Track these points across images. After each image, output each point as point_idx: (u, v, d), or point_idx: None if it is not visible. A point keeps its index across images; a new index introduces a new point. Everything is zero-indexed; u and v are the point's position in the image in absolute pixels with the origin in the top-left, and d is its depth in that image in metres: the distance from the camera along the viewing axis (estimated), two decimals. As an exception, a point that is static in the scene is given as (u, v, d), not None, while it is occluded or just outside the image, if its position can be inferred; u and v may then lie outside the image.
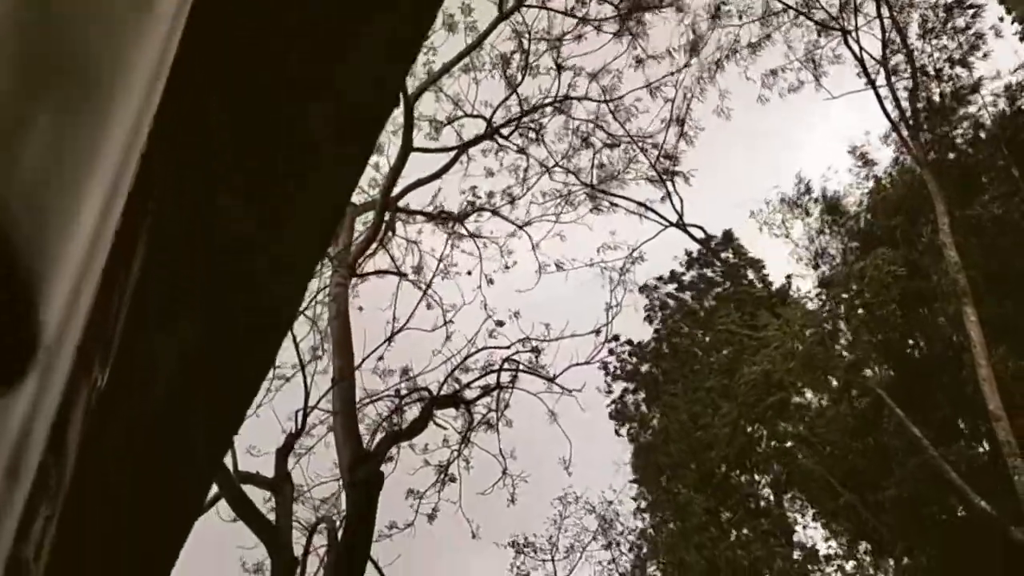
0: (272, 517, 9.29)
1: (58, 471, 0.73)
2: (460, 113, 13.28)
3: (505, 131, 13.28)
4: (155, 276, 0.99)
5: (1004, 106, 18.74)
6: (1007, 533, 14.24)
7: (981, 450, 16.91)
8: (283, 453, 9.41)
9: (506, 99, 12.89)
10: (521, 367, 12.37)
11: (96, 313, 0.63)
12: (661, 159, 14.80)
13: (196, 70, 0.97)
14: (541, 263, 14.30)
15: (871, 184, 20.77)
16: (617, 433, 22.25)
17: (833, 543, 19.30)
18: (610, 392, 22.54)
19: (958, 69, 18.61)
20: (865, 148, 20.87)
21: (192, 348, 1.19)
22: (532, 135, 13.57)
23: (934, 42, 18.45)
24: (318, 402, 10.28)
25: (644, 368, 22.48)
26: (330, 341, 10.45)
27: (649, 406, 21.86)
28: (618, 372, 22.37)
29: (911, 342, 18.42)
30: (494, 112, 12.90)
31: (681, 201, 16.31)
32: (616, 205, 15.37)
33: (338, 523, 10.09)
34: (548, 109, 13.40)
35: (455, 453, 12.34)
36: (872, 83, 17.33)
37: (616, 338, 14.98)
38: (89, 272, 0.61)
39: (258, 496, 9.99)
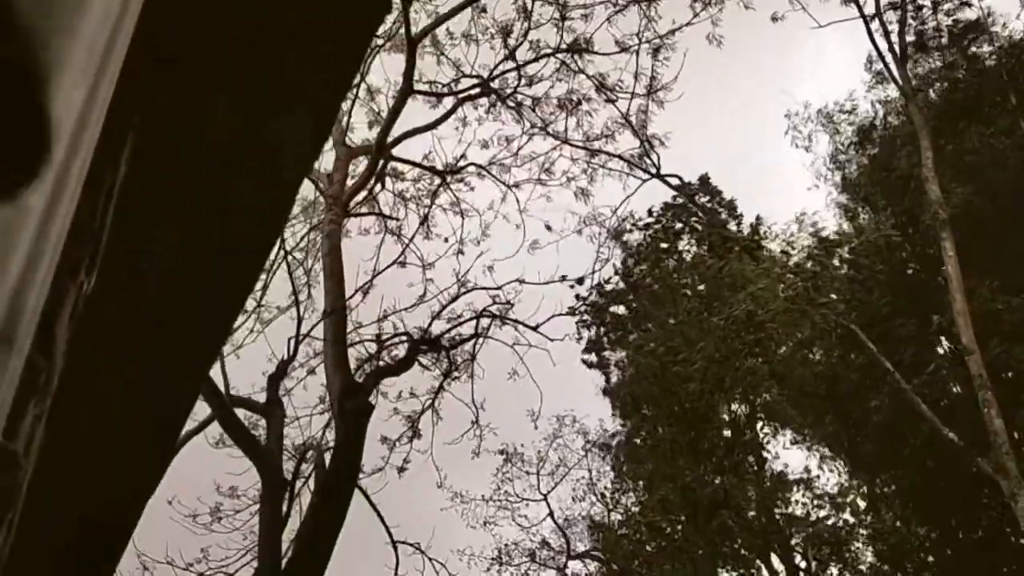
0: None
1: (47, 372, 0.75)
2: (460, 75, 13.06)
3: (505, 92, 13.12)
4: (141, 177, 1.00)
5: (1005, 42, 18.57)
6: (974, 464, 14.74)
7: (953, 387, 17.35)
8: (274, 378, 9.55)
9: (504, 59, 12.67)
10: (501, 315, 12.54)
11: (81, 214, 0.64)
12: (642, 112, 14.61)
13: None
14: (527, 226, 14.31)
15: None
16: (589, 365, 22.41)
17: (807, 465, 19.96)
18: (579, 339, 22.51)
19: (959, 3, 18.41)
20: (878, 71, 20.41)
21: (178, 256, 1.21)
22: (527, 98, 13.34)
23: None
24: (310, 331, 10.45)
25: (613, 309, 22.61)
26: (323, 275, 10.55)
27: (621, 344, 22.09)
28: (586, 315, 22.34)
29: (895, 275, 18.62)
30: (492, 72, 12.71)
31: (658, 156, 16.44)
32: (600, 166, 15.47)
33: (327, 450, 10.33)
34: (546, 72, 13.16)
35: (428, 401, 12.63)
36: (861, 11, 17.01)
37: (580, 281, 15.05)
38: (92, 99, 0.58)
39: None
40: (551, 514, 19.04)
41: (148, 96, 0.94)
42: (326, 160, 11.67)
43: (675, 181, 18.70)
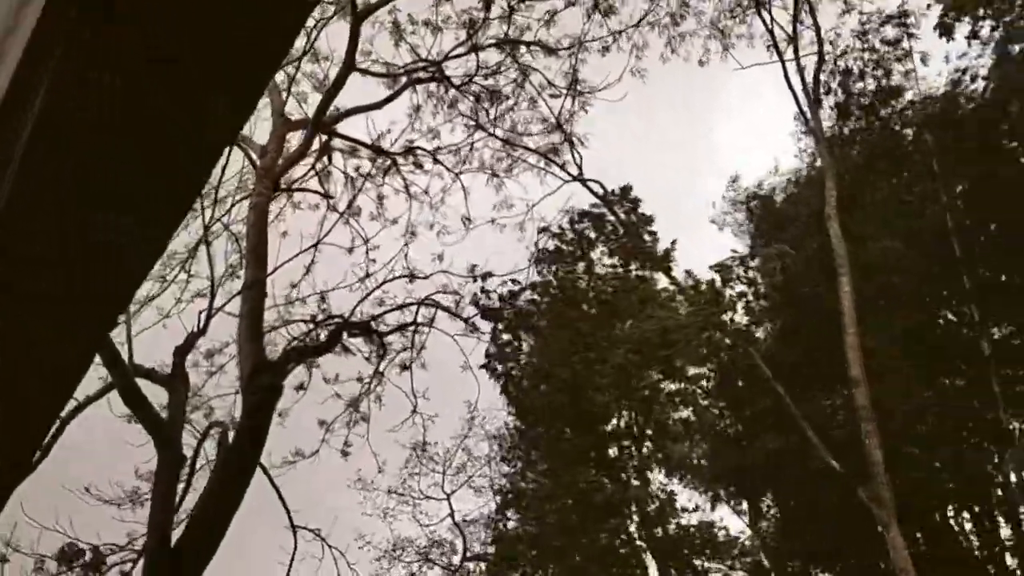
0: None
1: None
2: (417, 60, 13.07)
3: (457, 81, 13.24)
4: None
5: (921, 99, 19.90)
6: (853, 492, 15.60)
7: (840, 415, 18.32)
8: (181, 351, 9.34)
9: (458, 46, 12.79)
10: (440, 306, 12.59)
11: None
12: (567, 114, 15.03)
13: None
14: (469, 216, 14.44)
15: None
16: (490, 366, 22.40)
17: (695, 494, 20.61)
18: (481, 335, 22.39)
19: (881, 72, 19.64)
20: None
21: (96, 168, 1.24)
22: (482, 90, 13.50)
23: (865, 42, 19.34)
24: (224, 305, 10.22)
25: (521, 305, 22.63)
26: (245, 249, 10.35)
27: (523, 347, 22.19)
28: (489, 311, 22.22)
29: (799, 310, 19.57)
30: (445, 56, 12.79)
31: (581, 157, 16.80)
32: (525, 160, 15.79)
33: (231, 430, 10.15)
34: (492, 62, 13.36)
35: (367, 387, 12.55)
36: (780, 56, 17.79)
37: (489, 274, 15.25)
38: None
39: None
40: (452, 514, 19.09)
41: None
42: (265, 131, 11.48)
43: (597, 188, 19.22)
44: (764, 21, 17.50)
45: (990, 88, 19.32)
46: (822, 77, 18.91)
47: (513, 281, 18.49)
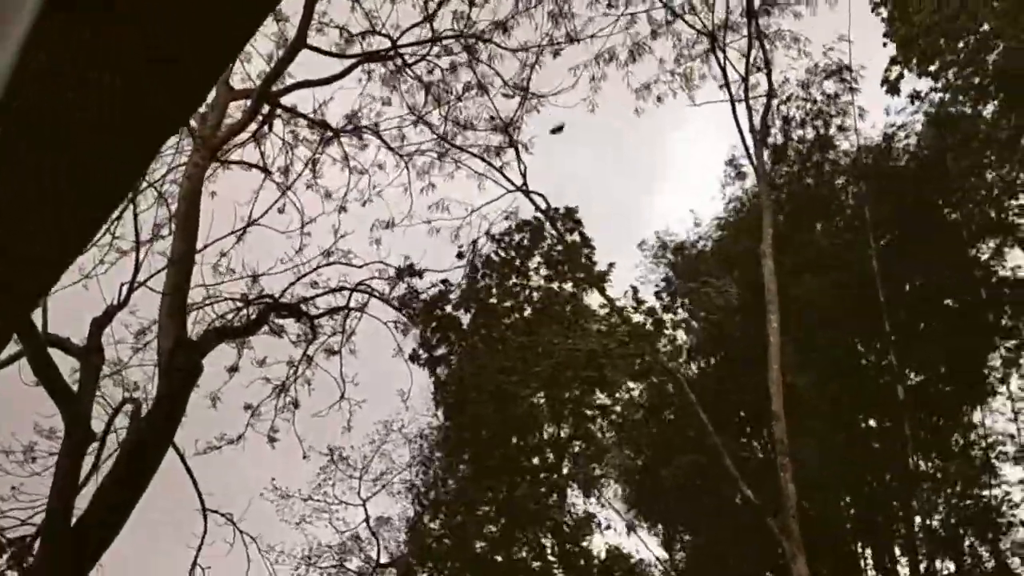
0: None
1: None
2: (371, 30, 12.88)
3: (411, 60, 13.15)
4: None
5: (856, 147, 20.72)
6: (765, 521, 15.96)
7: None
8: (98, 323, 9.06)
9: (417, 24, 12.68)
10: (373, 292, 12.49)
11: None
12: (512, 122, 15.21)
13: None
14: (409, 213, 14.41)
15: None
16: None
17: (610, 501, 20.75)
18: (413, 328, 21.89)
19: (820, 122, 20.44)
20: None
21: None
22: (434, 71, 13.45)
23: (808, 92, 20.11)
24: (148, 280, 9.96)
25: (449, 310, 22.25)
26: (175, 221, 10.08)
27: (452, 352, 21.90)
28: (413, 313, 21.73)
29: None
30: (402, 34, 12.69)
31: (526, 167, 16.95)
32: (466, 165, 15.94)
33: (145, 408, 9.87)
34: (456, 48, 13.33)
35: (294, 371, 12.35)
36: (731, 94, 18.28)
37: (418, 273, 15.24)
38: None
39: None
40: (367, 520, 18.91)
41: None
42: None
43: (541, 201, 19.33)
44: (719, 61, 18.01)
45: (924, 145, 20.27)
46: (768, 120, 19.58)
47: (443, 282, 18.46)
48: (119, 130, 1.18)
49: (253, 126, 11.94)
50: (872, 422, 19.60)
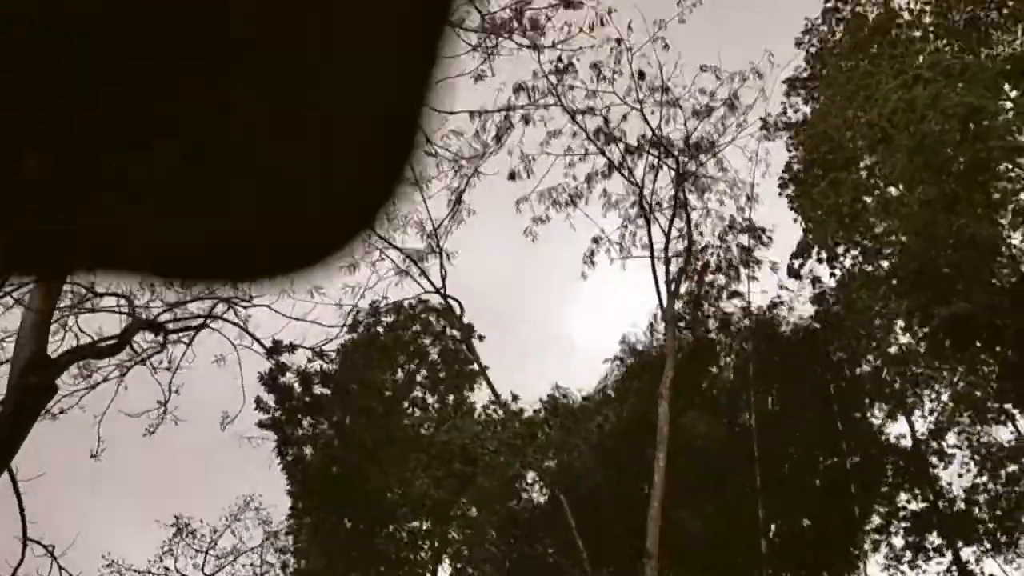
0: None
1: None
2: None
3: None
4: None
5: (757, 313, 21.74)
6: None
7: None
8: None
9: None
10: (232, 321, 12.64)
11: None
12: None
13: None
14: None
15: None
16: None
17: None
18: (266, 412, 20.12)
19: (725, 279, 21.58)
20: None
21: None
22: None
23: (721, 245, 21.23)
24: (14, 290, 8.60)
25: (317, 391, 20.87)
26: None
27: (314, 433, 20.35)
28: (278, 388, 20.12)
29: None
30: None
31: (446, 272, 17.22)
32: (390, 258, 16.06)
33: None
34: None
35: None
36: (652, 253, 19.40)
37: (292, 349, 14.87)
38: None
39: None
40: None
41: None
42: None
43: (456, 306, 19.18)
44: (649, 229, 19.95)
45: (806, 318, 21.57)
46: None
47: (320, 354, 17.65)
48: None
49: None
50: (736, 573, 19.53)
